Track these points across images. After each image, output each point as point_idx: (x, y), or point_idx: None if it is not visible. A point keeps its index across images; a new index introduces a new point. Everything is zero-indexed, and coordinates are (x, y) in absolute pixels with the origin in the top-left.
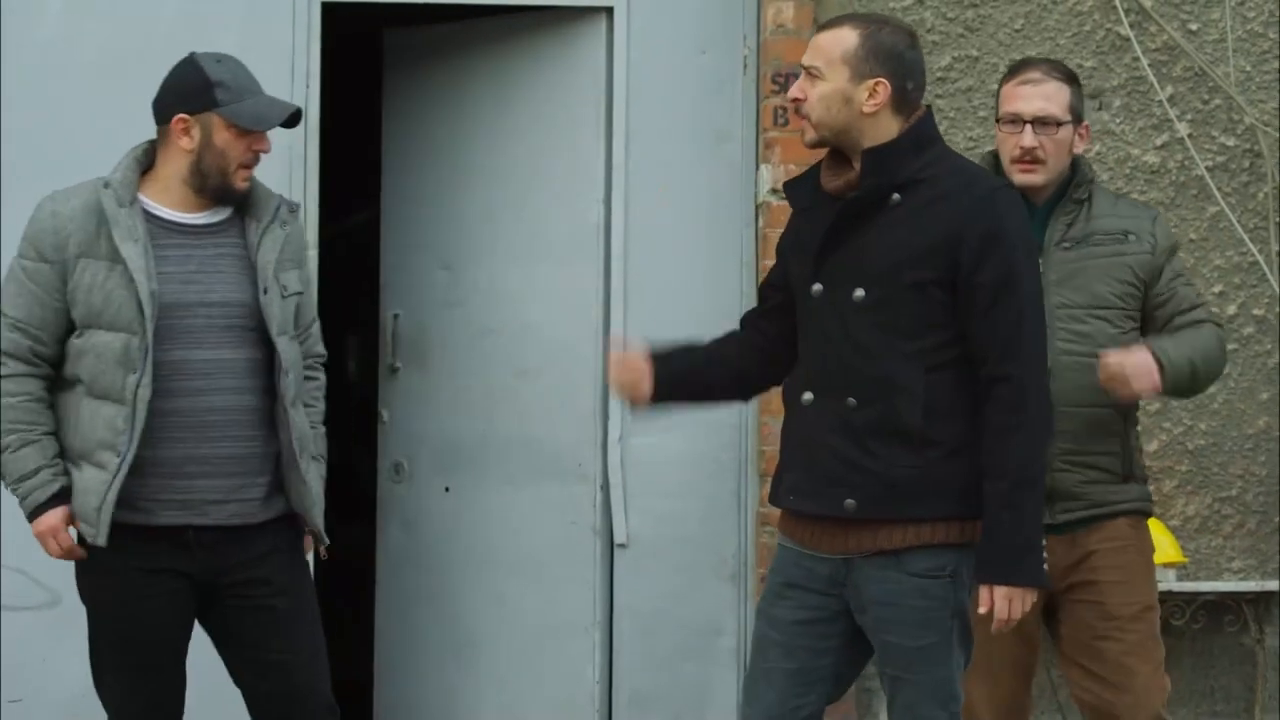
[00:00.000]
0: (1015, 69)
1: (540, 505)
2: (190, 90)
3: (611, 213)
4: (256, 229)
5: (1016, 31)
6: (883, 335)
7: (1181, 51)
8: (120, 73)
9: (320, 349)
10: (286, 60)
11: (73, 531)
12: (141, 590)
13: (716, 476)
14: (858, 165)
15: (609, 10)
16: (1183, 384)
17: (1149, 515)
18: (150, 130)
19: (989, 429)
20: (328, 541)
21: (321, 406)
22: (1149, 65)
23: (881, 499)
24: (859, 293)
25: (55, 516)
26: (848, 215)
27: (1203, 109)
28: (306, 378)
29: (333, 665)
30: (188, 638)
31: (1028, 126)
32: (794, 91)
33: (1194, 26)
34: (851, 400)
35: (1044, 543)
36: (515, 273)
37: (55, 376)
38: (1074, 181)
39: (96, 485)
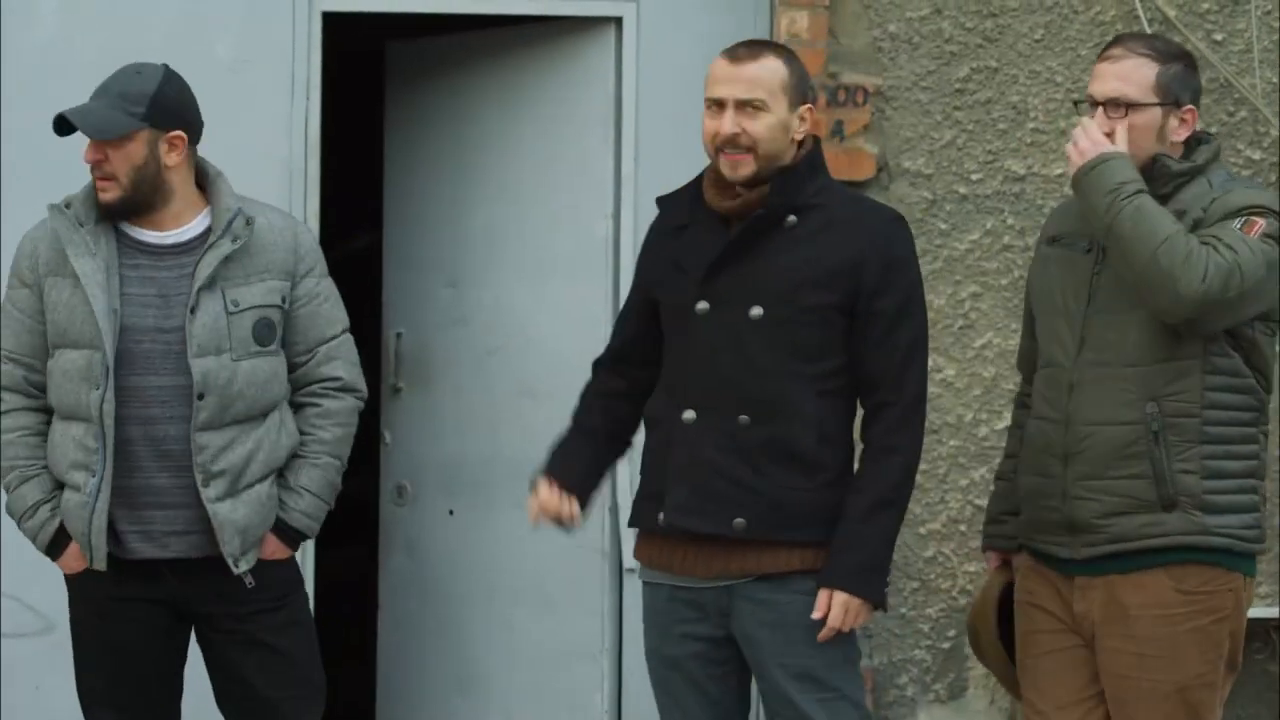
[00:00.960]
0: (1108, 44)
1: (546, 529)
2: None
3: (620, 227)
4: (208, 244)
5: (1037, 42)
6: (779, 355)
7: (1206, 62)
8: None
9: (330, 371)
10: (286, 69)
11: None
12: (116, 619)
13: None
14: (756, 187)
15: (618, 21)
16: (1098, 210)
17: (1222, 550)
18: None
19: (869, 449)
20: (240, 571)
21: (324, 435)
22: None
23: (770, 520)
24: (755, 311)
25: (72, 556)
26: (750, 234)
27: (1228, 121)
28: (306, 404)
29: (334, 692)
30: (176, 669)
31: (1100, 109)
32: (729, 127)
33: (1219, 37)
34: (744, 419)
35: (890, 570)
36: (521, 290)
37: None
38: (1153, 175)
39: (75, 508)
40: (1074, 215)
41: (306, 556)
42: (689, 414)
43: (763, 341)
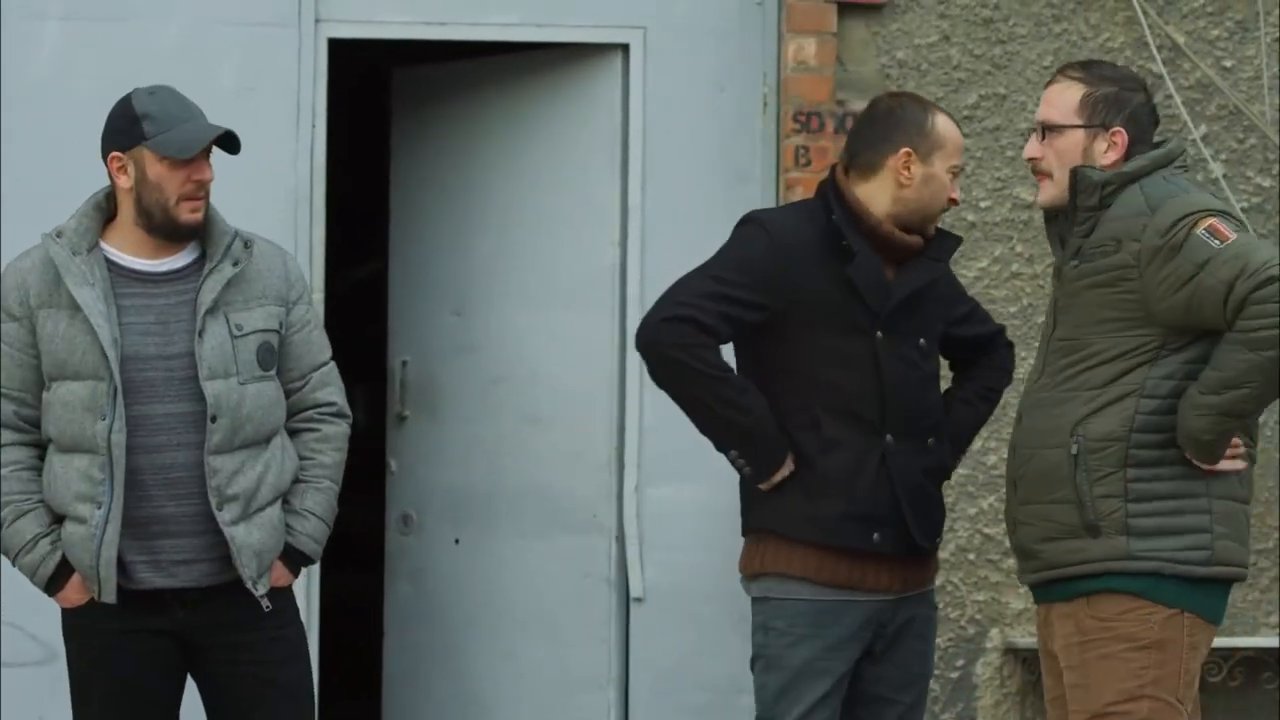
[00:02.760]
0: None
1: (553, 558)
2: (120, 127)
3: (627, 255)
4: (208, 268)
5: (1045, 69)
6: (935, 381)
7: (1216, 89)
8: None
9: (325, 397)
10: (292, 96)
11: None
12: (119, 653)
13: (736, 528)
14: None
15: (625, 47)
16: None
17: (1150, 575)
18: None
19: (1001, 367)
20: (260, 593)
21: (325, 459)
22: (1182, 104)
23: (942, 533)
24: (922, 341)
25: (73, 590)
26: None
27: (1238, 148)
28: (304, 429)
29: None
30: (175, 704)
31: (1033, 134)
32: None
33: (1228, 64)
34: (931, 441)
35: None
36: (527, 318)
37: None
38: (1077, 189)
39: (81, 540)
40: (1048, 237)
41: (312, 584)
42: (889, 438)
43: (928, 369)
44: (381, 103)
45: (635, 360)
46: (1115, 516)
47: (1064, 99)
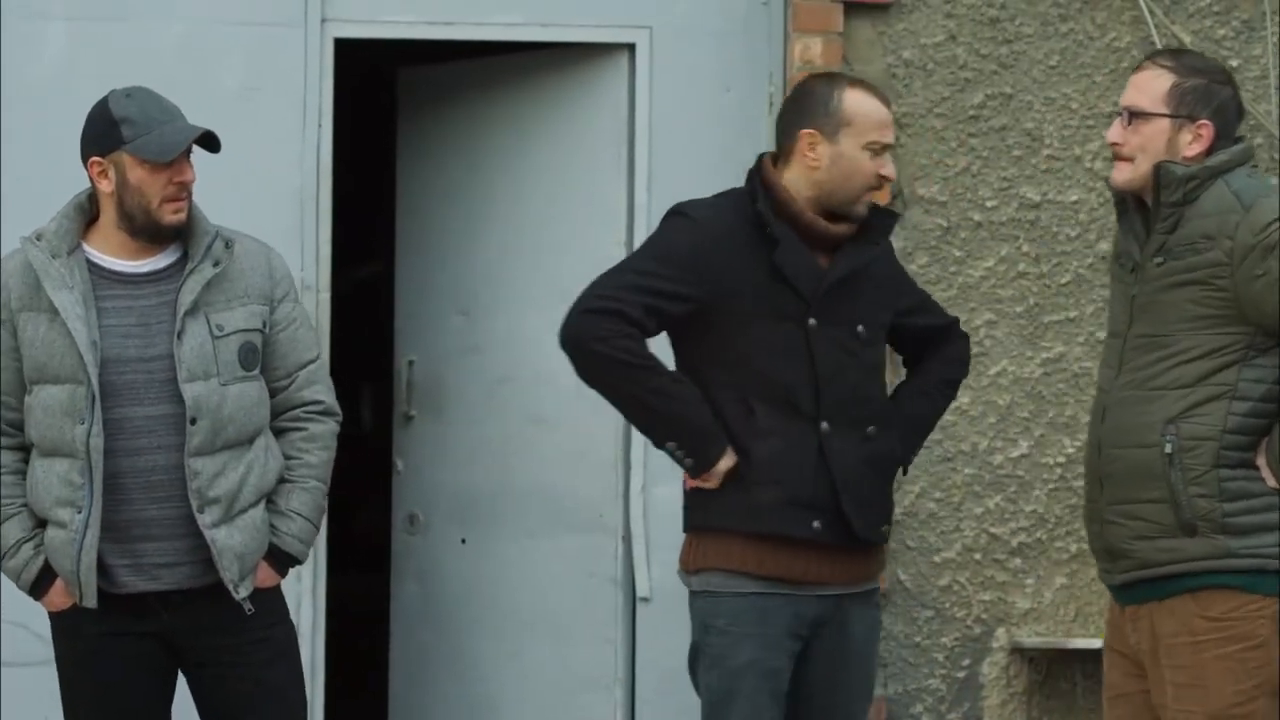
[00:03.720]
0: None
1: (559, 558)
2: (99, 131)
3: None
4: (188, 269)
5: (1051, 68)
6: (878, 370)
7: None
8: None
9: (312, 395)
10: (298, 96)
11: None
12: (104, 656)
13: None
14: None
15: (631, 47)
16: None
17: (1252, 572)
18: None
19: (957, 359)
20: (241, 597)
21: (311, 458)
22: None
23: (888, 525)
24: (861, 329)
25: (57, 594)
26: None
27: None
28: (290, 428)
29: None
30: (164, 706)
31: (1117, 118)
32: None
33: (1235, 63)
34: (871, 429)
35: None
36: (534, 318)
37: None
38: (1161, 184)
39: (62, 545)
40: (1121, 231)
41: (318, 584)
42: (824, 425)
43: (869, 357)
44: (383, 102)
45: None
46: (1212, 516)
47: (1153, 86)
